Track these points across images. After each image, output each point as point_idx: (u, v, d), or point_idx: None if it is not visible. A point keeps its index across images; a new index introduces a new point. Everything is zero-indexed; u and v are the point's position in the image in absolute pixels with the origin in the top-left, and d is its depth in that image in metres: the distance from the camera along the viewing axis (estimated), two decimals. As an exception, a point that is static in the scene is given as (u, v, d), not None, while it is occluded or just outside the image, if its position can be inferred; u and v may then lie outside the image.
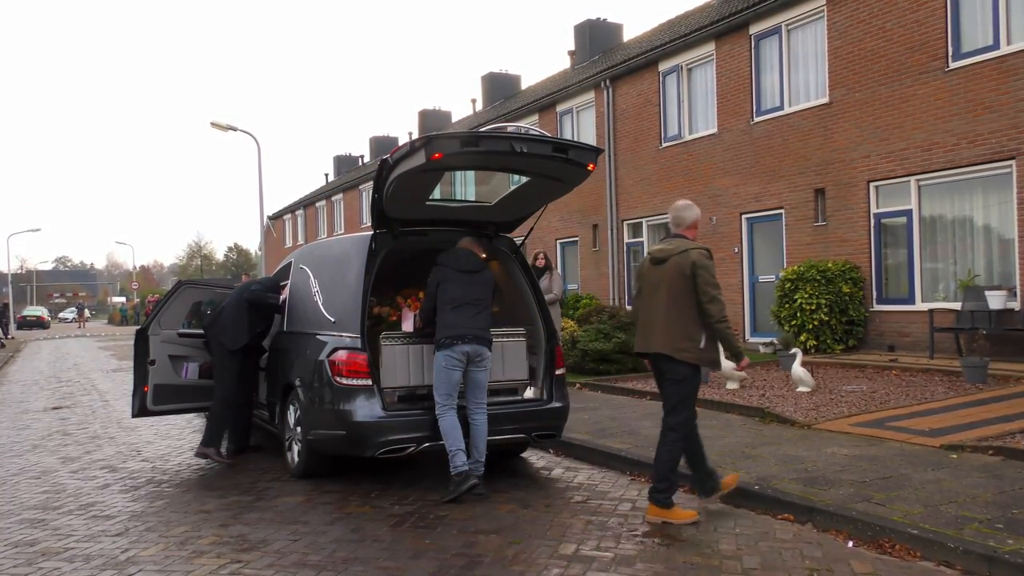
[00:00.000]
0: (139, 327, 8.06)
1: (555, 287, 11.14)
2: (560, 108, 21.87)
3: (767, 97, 15.70)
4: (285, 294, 7.60)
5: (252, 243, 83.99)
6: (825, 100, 14.24)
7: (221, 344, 7.47)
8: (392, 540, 5.07)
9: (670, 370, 5.26)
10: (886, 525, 4.78)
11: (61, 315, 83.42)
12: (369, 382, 6.16)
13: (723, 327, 5.15)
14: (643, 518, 5.35)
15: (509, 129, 6.09)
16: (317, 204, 41.03)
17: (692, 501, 5.72)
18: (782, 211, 15.17)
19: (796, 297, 13.18)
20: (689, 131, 17.62)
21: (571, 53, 26.83)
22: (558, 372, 6.86)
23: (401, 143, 6.06)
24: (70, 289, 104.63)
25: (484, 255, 6.43)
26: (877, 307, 13.33)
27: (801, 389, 9.70)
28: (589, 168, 6.18)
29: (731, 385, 10.34)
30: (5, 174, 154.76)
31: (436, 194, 6.64)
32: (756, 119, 15.77)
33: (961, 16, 12.18)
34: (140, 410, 7.81)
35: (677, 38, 17.69)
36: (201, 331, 7.89)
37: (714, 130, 16.80)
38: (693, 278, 5.12)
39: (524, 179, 6.59)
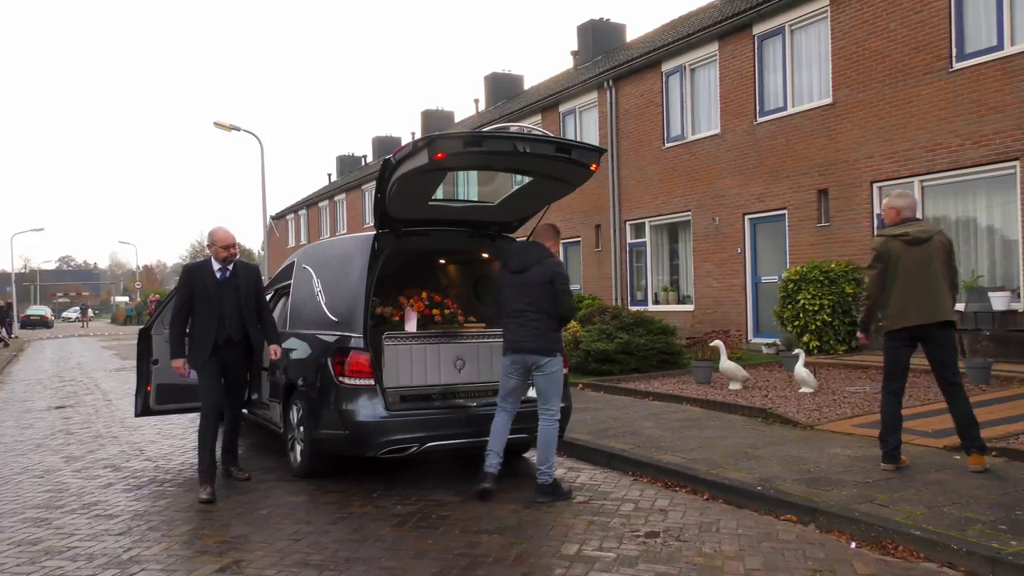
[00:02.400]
0: (142, 326, 8.07)
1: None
2: (563, 108, 21.87)
3: (770, 98, 15.68)
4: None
5: (255, 243, 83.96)
6: (829, 101, 14.23)
7: None
8: (394, 540, 5.07)
9: (945, 334, 5.93)
10: (889, 526, 4.77)
11: (64, 314, 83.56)
12: (372, 382, 6.16)
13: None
14: (646, 518, 5.35)
15: (512, 129, 6.09)
16: (320, 204, 41.07)
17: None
18: (785, 212, 15.16)
19: (799, 298, 13.16)
20: (692, 131, 17.61)
21: (574, 53, 26.83)
22: (560, 372, 6.83)
23: (404, 143, 6.06)
24: (73, 289, 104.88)
25: (553, 247, 6.12)
26: (880, 308, 13.29)
27: (804, 390, 9.68)
28: (592, 168, 6.18)
29: (734, 386, 10.33)
30: (9, 174, 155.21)
31: (439, 194, 6.64)
32: (759, 119, 15.75)
33: (965, 17, 12.17)
34: (143, 409, 7.82)
35: (680, 38, 17.68)
36: None
37: (717, 130, 16.78)
38: (949, 256, 5.99)
39: (527, 179, 6.59)
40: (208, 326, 6.36)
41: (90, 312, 72.25)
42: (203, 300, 6.39)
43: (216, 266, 6.51)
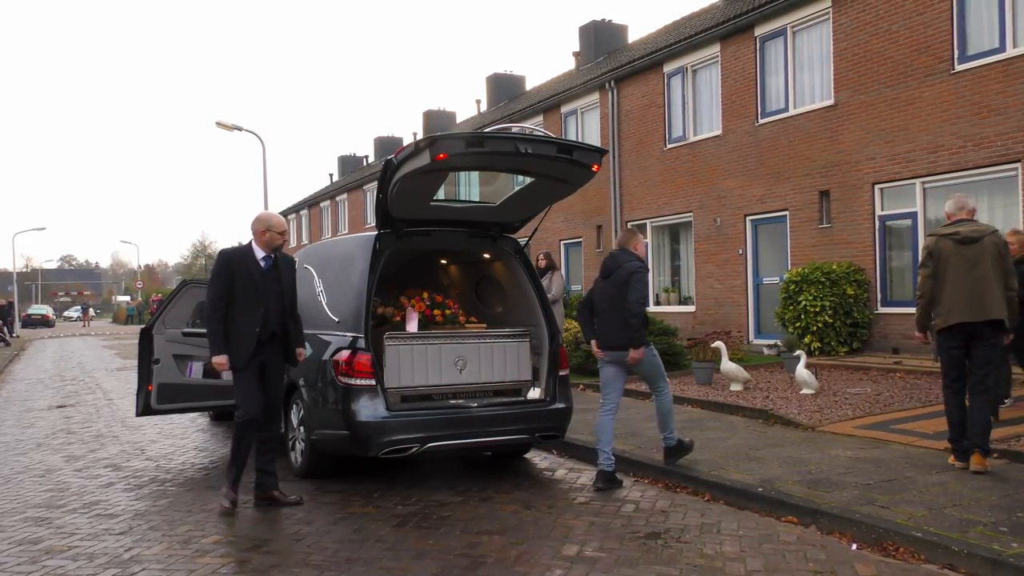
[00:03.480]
0: (143, 326, 8.07)
1: (555, 287, 11.12)
2: (565, 109, 21.86)
3: (772, 99, 15.67)
4: None
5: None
6: (830, 102, 14.22)
7: None
8: (395, 540, 5.07)
9: (995, 336, 5.98)
10: (890, 528, 4.77)
11: (66, 314, 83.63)
12: (373, 382, 6.16)
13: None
14: (647, 519, 5.35)
15: (513, 130, 6.09)
16: (321, 204, 41.08)
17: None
18: (787, 213, 15.15)
19: (800, 299, 13.16)
20: (694, 132, 17.60)
21: (576, 54, 26.83)
22: (562, 373, 6.86)
23: (406, 143, 6.08)
24: (75, 288, 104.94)
25: (632, 247, 6.51)
26: (882, 309, 13.30)
27: (805, 391, 9.68)
28: (593, 169, 6.19)
29: (735, 387, 10.33)
30: (11, 173, 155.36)
31: (440, 194, 6.65)
32: (761, 121, 15.74)
33: (967, 18, 12.16)
34: (144, 409, 7.82)
35: (682, 40, 17.68)
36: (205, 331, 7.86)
37: (719, 132, 16.77)
38: (1002, 256, 6.00)
39: (528, 180, 6.60)
40: (251, 321, 5.74)
41: (91, 311, 72.27)
42: (246, 291, 5.76)
43: (260, 254, 5.88)
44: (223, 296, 5.75)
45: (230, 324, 5.76)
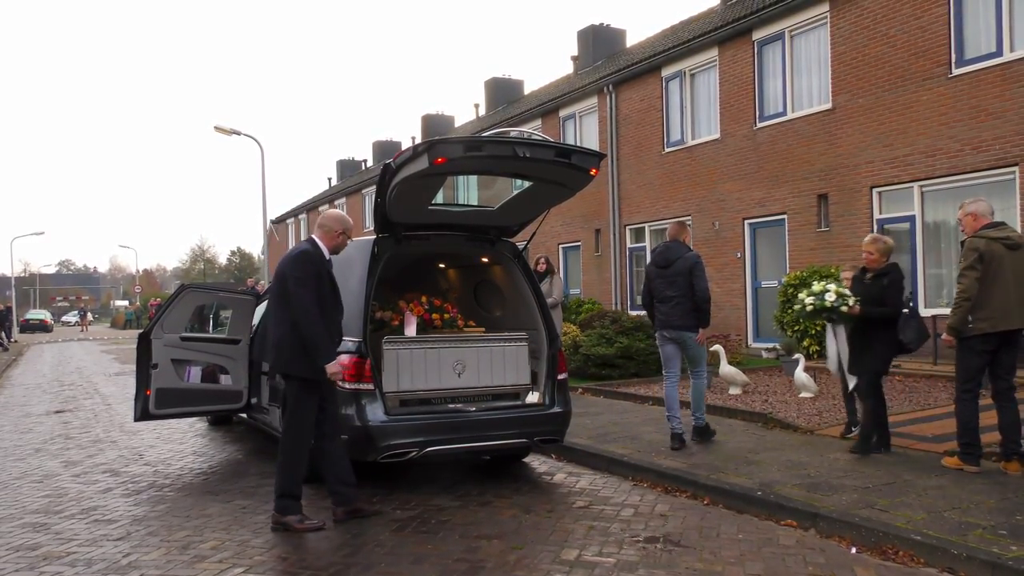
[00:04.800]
0: (142, 330, 8.06)
1: (555, 291, 11.14)
2: (563, 113, 21.89)
3: (770, 103, 15.70)
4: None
5: (255, 247, 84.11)
6: (828, 106, 14.24)
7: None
8: (394, 545, 5.06)
9: (1020, 340, 6.00)
10: (889, 531, 4.77)
11: (64, 318, 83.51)
12: (371, 386, 6.15)
13: None
14: (646, 523, 5.34)
15: (512, 134, 6.09)
16: (320, 208, 41.06)
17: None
18: (785, 216, 15.16)
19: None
20: (692, 136, 17.63)
21: (574, 58, 26.85)
22: (560, 377, 6.86)
23: (404, 147, 6.08)
24: (73, 293, 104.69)
25: (683, 239, 7.58)
26: (880, 313, 13.29)
27: (804, 395, 9.68)
28: (592, 173, 6.19)
29: (734, 390, 10.32)
30: (9, 178, 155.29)
31: (439, 198, 6.64)
32: (759, 124, 15.76)
33: (964, 23, 12.18)
34: (142, 414, 7.80)
35: (680, 43, 17.71)
36: (203, 335, 7.87)
37: (717, 135, 16.80)
38: None
39: (527, 184, 6.59)
40: (332, 327, 5.54)
41: (90, 316, 72.21)
42: (328, 294, 5.51)
43: (326, 255, 5.66)
44: (317, 300, 5.40)
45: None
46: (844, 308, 6.66)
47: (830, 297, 6.71)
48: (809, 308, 6.89)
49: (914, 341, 6.64)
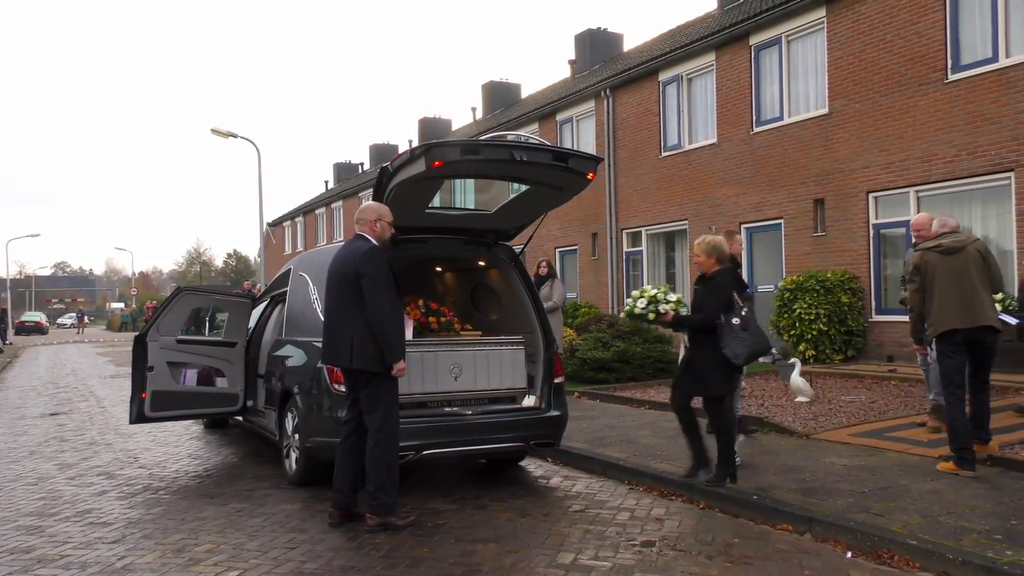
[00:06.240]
0: (138, 333, 8.05)
1: (555, 295, 11.14)
2: (560, 117, 21.92)
3: (767, 107, 15.73)
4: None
5: (251, 250, 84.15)
6: (825, 111, 14.28)
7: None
8: (390, 548, 5.05)
9: (995, 341, 6.28)
10: (885, 535, 4.77)
11: (60, 321, 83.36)
12: (368, 389, 6.13)
13: None
14: (642, 527, 5.34)
15: (509, 137, 6.10)
16: (317, 211, 41.06)
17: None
18: (781, 221, 15.19)
19: (795, 307, 13.19)
20: (689, 141, 17.66)
21: (571, 62, 26.90)
22: (557, 380, 6.85)
23: (401, 151, 6.09)
24: (69, 295, 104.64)
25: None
26: (876, 317, 13.33)
27: (800, 399, 9.68)
28: (589, 177, 6.20)
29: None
30: (4, 179, 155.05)
31: (436, 202, 6.65)
32: (756, 129, 15.80)
33: (961, 28, 12.23)
34: (138, 416, 7.78)
35: (677, 48, 17.75)
36: (199, 338, 7.84)
37: (714, 140, 16.83)
38: (986, 262, 6.23)
39: (524, 187, 6.60)
40: (400, 322, 5.48)
41: (86, 319, 72.09)
42: (395, 288, 5.46)
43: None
44: (390, 297, 5.36)
45: (401, 327, 5.43)
46: (651, 315, 6.04)
47: (641, 303, 6.10)
48: (625, 311, 6.43)
49: (741, 356, 5.84)
